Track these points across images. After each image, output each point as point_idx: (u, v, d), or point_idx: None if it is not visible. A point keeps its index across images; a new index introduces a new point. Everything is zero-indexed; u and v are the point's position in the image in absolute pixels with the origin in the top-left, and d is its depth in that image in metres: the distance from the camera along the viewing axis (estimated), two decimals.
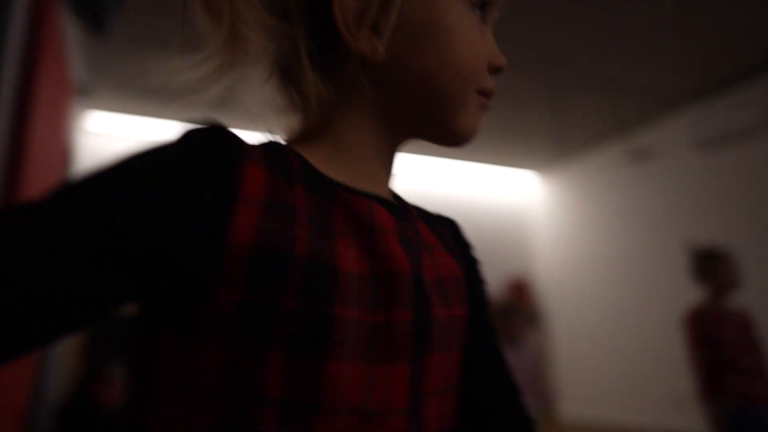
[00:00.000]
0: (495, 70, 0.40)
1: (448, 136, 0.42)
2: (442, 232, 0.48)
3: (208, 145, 0.32)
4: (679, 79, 4.05)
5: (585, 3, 3.06)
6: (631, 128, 4.84)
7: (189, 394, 0.30)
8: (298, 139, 0.40)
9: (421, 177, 5.59)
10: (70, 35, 2.55)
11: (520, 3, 3.07)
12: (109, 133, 4.48)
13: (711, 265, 2.17)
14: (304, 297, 0.31)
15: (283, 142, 0.39)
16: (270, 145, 0.38)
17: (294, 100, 0.39)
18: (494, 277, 5.87)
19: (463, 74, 0.38)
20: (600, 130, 4.92)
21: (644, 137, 4.94)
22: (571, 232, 5.70)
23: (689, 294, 3.58)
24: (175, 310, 0.31)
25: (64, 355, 3.81)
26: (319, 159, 0.37)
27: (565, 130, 4.83)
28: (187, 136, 0.32)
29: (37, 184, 1.86)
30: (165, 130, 4.54)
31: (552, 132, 4.75)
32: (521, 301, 5.75)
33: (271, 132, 0.40)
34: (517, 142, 5.15)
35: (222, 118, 0.35)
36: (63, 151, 2.84)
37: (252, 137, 0.37)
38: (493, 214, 6.01)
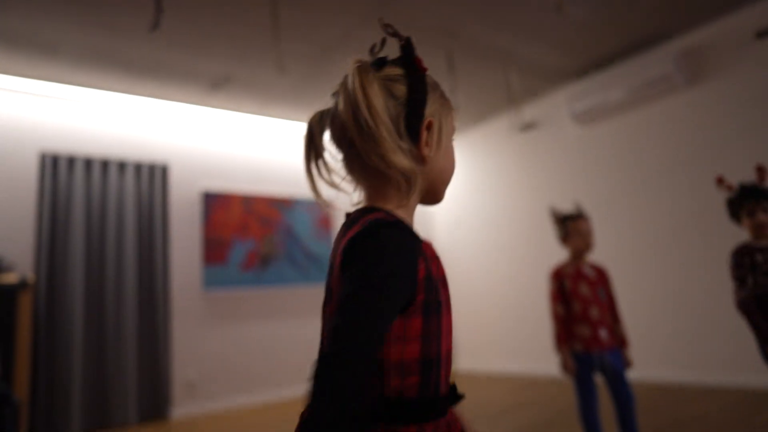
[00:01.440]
0: None
1: (437, 201, 0.86)
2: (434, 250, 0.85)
3: (416, 249, 0.72)
4: (562, 57, 4.41)
5: None
6: (519, 101, 5.20)
7: (403, 339, 0.69)
8: (376, 200, 0.79)
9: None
10: None
11: None
12: None
13: (569, 227, 2.36)
14: (434, 293, 0.74)
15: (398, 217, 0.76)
16: (404, 225, 0.74)
17: (387, 181, 0.76)
18: None
19: (452, 173, 0.84)
20: (491, 102, 5.24)
21: (530, 110, 5.35)
22: (464, 198, 6.07)
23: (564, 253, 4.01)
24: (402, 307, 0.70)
25: None
26: (403, 216, 0.78)
27: (458, 102, 5.08)
28: (408, 245, 0.71)
29: None
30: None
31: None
32: None
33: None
34: None
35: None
36: None
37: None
38: None
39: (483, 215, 5.86)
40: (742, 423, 2.78)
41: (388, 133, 0.69)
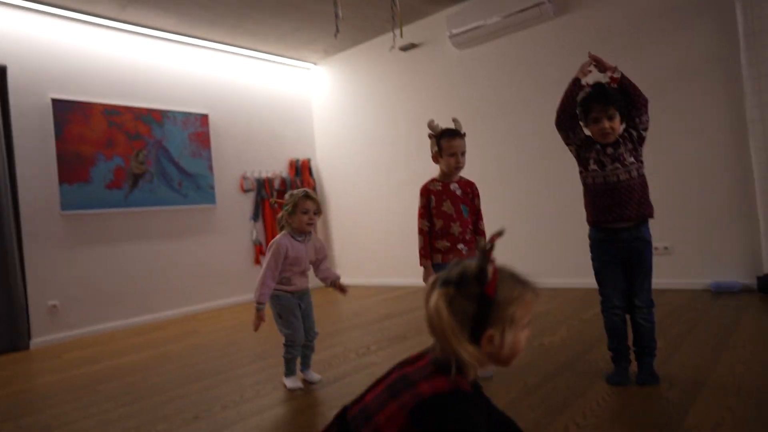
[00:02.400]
0: None
1: (504, 366, 0.97)
2: None
3: (481, 410, 0.94)
4: None
5: None
6: (401, 21, 5.16)
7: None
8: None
9: (218, 68, 5.23)
10: None
11: None
12: None
13: (442, 144, 2.37)
14: None
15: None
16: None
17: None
18: (280, 162, 5.98)
19: (516, 357, 0.96)
20: (374, 22, 5.13)
21: (412, 31, 5.34)
22: (345, 117, 6.05)
23: None
24: None
25: None
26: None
27: (343, 21, 4.91)
28: (462, 400, 0.89)
29: None
30: None
31: (330, 24, 4.79)
32: (302, 181, 6.04)
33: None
34: (299, 33, 5.07)
35: None
36: None
37: None
38: (279, 103, 6.01)
39: (363, 135, 5.91)
40: (575, 316, 3.28)
41: (454, 336, 0.89)
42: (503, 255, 3.43)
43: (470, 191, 2.51)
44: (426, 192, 2.47)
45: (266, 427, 1.94)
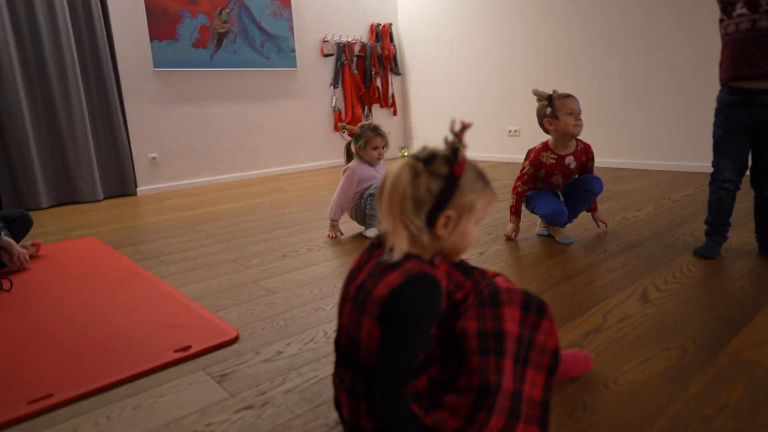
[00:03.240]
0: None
1: (451, 261, 0.99)
2: None
3: (440, 291, 0.86)
4: None
5: None
6: None
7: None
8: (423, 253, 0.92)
9: None
10: None
11: None
12: None
13: (555, 104, 2.19)
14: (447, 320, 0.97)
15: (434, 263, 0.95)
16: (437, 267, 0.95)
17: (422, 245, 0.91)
18: (361, 26, 5.75)
19: (464, 249, 0.94)
20: None
21: None
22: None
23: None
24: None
25: None
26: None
27: None
28: (436, 290, 0.85)
29: None
30: None
31: None
32: (382, 47, 5.83)
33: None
34: None
35: None
36: None
37: None
38: None
39: (450, 3, 5.49)
40: (662, 195, 3.12)
41: (406, 207, 0.88)
42: (596, 128, 3.25)
43: (585, 158, 2.33)
44: (537, 164, 2.30)
45: (348, 265, 2.09)
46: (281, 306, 1.72)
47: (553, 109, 2.20)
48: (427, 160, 0.90)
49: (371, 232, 2.55)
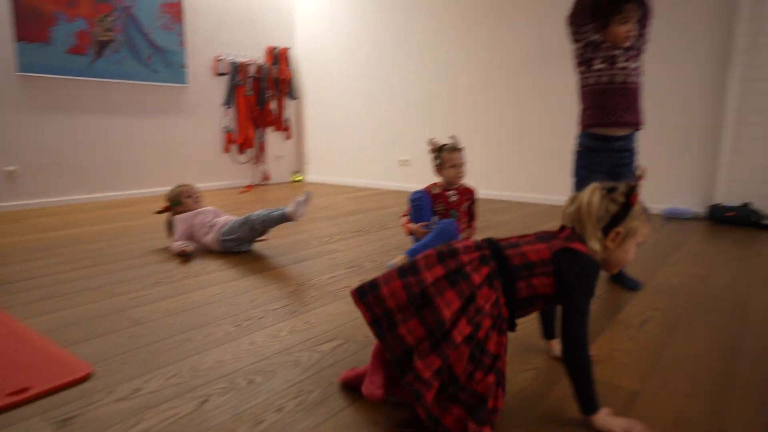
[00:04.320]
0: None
1: (610, 272, 1.27)
2: None
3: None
4: None
5: None
6: None
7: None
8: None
9: None
10: None
11: None
12: None
13: (442, 157, 2.50)
14: None
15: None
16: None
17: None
18: (257, 48, 5.68)
19: (622, 264, 1.24)
20: None
21: None
22: (330, 8, 5.71)
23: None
24: None
25: None
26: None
27: None
28: (595, 266, 1.15)
29: None
30: None
31: None
32: (278, 70, 5.80)
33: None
34: None
35: None
36: None
37: None
38: None
39: (346, 29, 5.63)
40: (533, 226, 3.40)
41: (591, 225, 1.17)
42: (479, 163, 3.44)
43: (467, 199, 2.60)
44: (425, 192, 2.55)
45: (227, 294, 2.00)
46: (146, 338, 1.60)
47: (441, 160, 2.52)
48: (610, 189, 1.20)
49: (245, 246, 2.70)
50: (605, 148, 2.10)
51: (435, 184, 2.63)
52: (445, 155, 2.51)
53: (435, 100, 5.04)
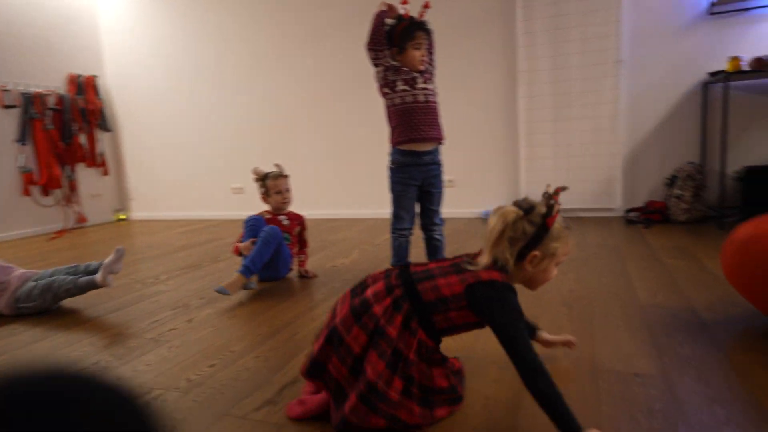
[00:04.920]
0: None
1: (531, 289, 1.28)
2: None
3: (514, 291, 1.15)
4: None
5: None
6: None
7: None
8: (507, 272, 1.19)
9: None
10: None
11: None
12: None
13: (267, 185, 2.64)
14: None
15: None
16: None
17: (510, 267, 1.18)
18: (56, 76, 5.08)
19: (542, 283, 1.24)
20: None
21: None
22: (143, 33, 5.35)
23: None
24: None
25: None
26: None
27: None
28: (510, 290, 1.14)
29: None
30: None
31: None
32: (85, 101, 5.25)
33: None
34: None
35: None
36: None
37: None
38: (54, 7, 5.00)
39: (164, 54, 5.32)
40: (366, 241, 3.53)
41: (500, 248, 1.16)
42: (310, 184, 3.49)
43: (297, 224, 2.72)
44: (260, 216, 2.63)
45: (26, 360, 1.72)
46: None
47: (266, 188, 2.63)
48: (527, 210, 1.16)
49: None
50: (415, 162, 2.27)
51: (266, 210, 2.70)
52: (270, 183, 2.61)
53: (264, 125, 4.99)
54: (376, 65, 2.24)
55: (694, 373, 1.37)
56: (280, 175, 2.64)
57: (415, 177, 2.28)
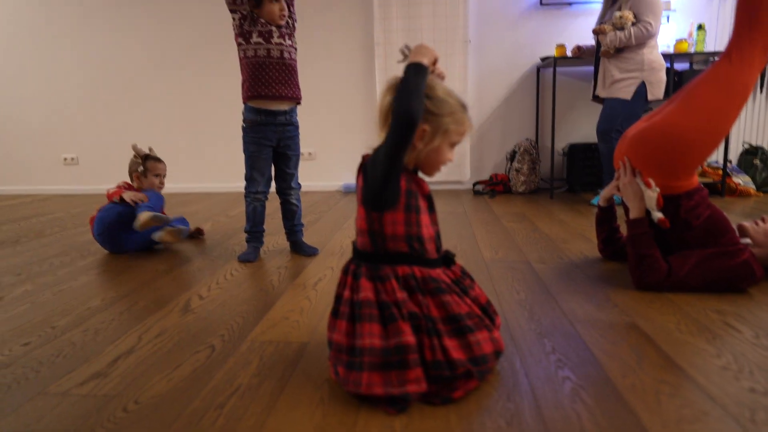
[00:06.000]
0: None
1: (427, 175, 1.15)
2: None
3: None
4: None
5: None
6: None
7: (393, 223, 1.09)
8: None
9: None
10: None
11: None
12: None
13: (147, 166, 2.52)
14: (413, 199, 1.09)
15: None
16: None
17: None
18: None
19: (436, 165, 1.13)
20: None
21: None
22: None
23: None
24: None
25: None
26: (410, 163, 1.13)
27: None
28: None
29: None
30: None
31: None
32: None
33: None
34: None
35: None
36: None
37: None
38: None
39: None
40: (220, 213, 3.34)
41: (380, 122, 1.12)
42: (163, 157, 3.09)
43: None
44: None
45: None
46: None
47: (145, 168, 2.54)
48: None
49: None
50: (269, 122, 2.16)
51: (126, 183, 2.59)
52: (150, 164, 2.55)
53: (101, 91, 4.43)
54: (232, 11, 2.09)
55: (527, 314, 1.50)
56: (161, 160, 2.62)
57: (269, 137, 2.18)
